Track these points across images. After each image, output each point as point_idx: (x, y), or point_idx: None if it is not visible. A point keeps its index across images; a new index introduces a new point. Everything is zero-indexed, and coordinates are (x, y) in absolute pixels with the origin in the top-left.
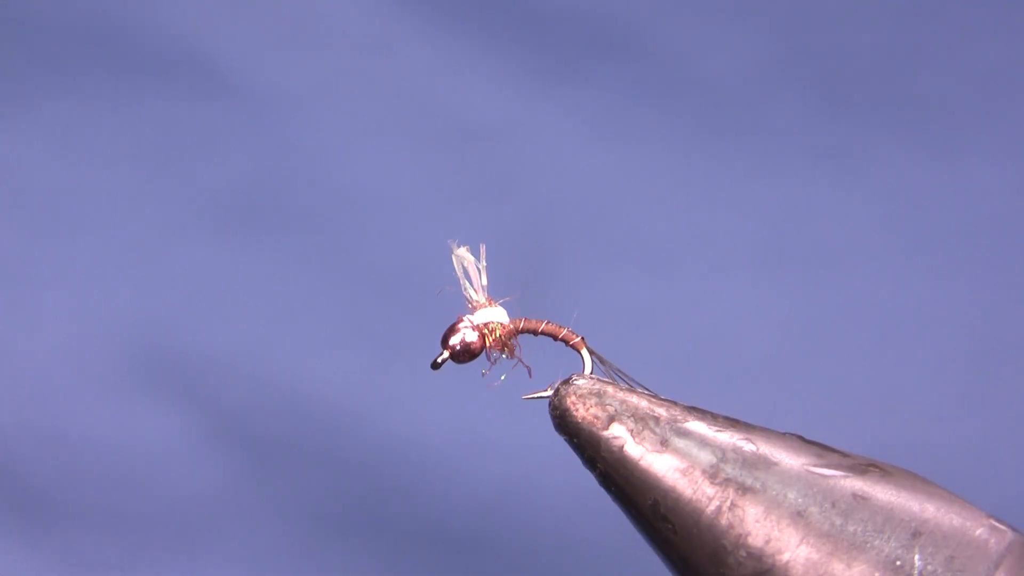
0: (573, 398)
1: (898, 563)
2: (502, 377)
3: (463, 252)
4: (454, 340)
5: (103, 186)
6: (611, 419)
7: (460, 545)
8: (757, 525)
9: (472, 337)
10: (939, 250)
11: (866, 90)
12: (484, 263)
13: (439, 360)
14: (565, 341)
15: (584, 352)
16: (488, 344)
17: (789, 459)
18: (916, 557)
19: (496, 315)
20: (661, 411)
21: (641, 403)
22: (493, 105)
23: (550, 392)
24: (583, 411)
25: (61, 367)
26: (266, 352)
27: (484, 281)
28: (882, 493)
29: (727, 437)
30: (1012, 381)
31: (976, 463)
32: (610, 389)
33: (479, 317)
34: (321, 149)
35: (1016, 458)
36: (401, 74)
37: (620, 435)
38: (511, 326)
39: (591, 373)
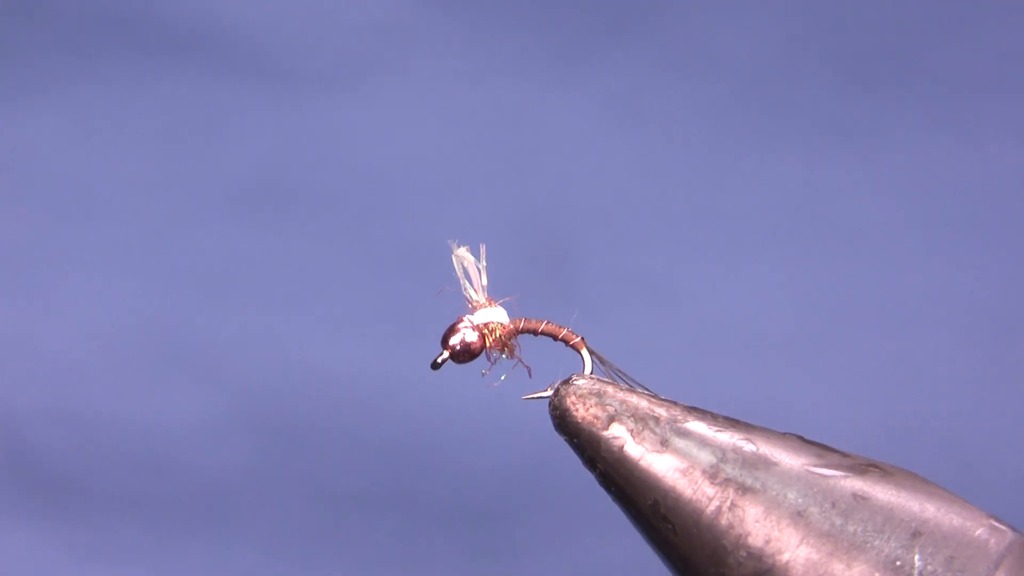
0: (573, 398)
1: (898, 563)
2: (502, 377)
3: (463, 252)
4: (454, 340)
5: (126, 170)
6: (611, 419)
7: (483, 522)
8: (757, 525)
9: (472, 337)
10: (959, 230)
11: (886, 68)
12: (484, 263)
13: (439, 360)
14: (565, 341)
15: (584, 352)
16: (488, 344)
17: (789, 459)
18: (916, 557)
19: (496, 315)
20: (661, 411)
21: (641, 403)
22: (512, 85)
23: (550, 392)
24: (583, 411)
25: (84, 351)
26: (289, 334)
27: (484, 281)
28: (882, 493)
29: (727, 437)
30: None
31: (990, 443)
32: (610, 389)
33: (479, 317)
34: (341, 131)
35: None
36: (421, 56)
37: (620, 435)
38: (511, 326)
39: (591, 373)
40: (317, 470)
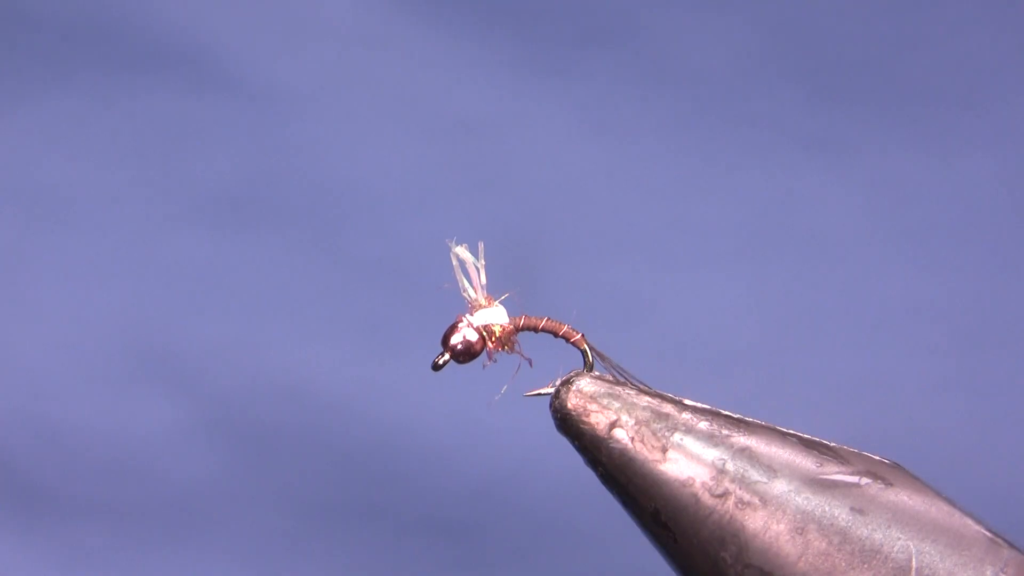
0: (574, 400)
1: None
2: (503, 389)
3: (461, 251)
4: (455, 340)
5: (99, 180)
6: (612, 424)
7: (454, 532)
8: (756, 540)
9: (472, 337)
10: (926, 239)
11: (855, 80)
12: (483, 261)
13: (440, 361)
14: (566, 338)
15: (585, 349)
16: (489, 344)
17: (789, 471)
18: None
19: (496, 315)
20: (664, 411)
21: (642, 405)
22: (484, 97)
23: (551, 389)
24: (584, 414)
25: (57, 359)
26: (261, 343)
27: (483, 280)
28: (879, 508)
29: (727, 445)
30: (998, 369)
31: (960, 450)
32: (611, 390)
33: (479, 318)
34: (314, 142)
35: (1000, 444)
36: (394, 67)
37: (621, 439)
38: (511, 325)
39: (592, 371)
40: (288, 479)
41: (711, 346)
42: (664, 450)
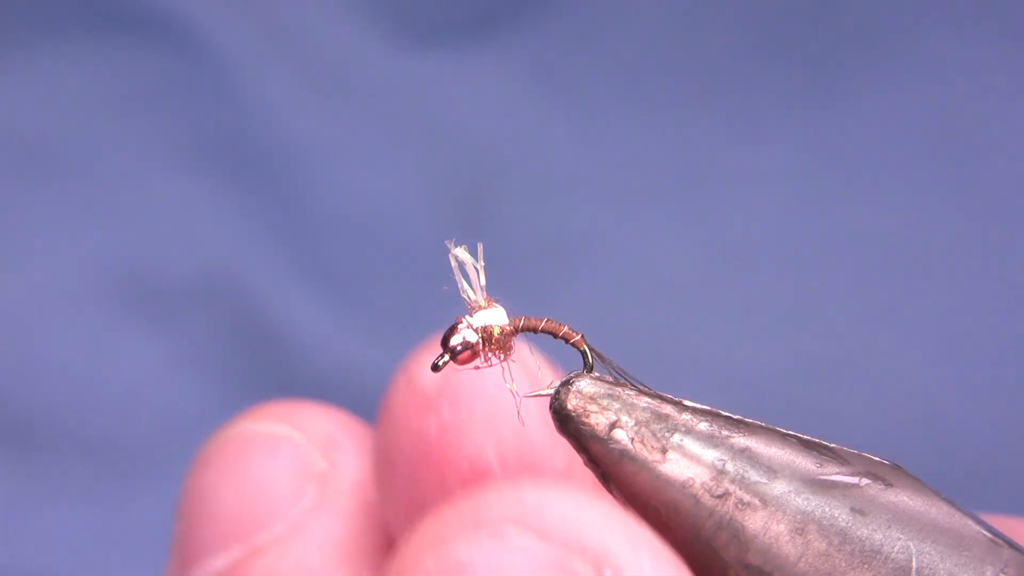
0: (574, 401)
1: None
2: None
3: (461, 252)
4: (455, 341)
5: (81, 132)
6: (612, 424)
7: None
8: (756, 541)
9: (472, 338)
10: (855, 176)
11: (792, 31)
12: (482, 263)
13: (440, 363)
14: (565, 339)
15: (584, 349)
16: (489, 346)
17: (789, 471)
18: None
19: (495, 316)
20: (664, 412)
21: (641, 406)
22: (429, 54)
23: (551, 390)
24: (583, 414)
25: (44, 300)
26: (235, 283)
27: (483, 282)
28: (879, 509)
29: (727, 446)
30: (923, 296)
31: (889, 376)
32: (610, 391)
33: (478, 319)
34: (273, 100)
35: (927, 369)
36: (341, 28)
37: (621, 439)
38: (510, 327)
39: (592, 372)
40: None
41: (648, 282)
42: (664, 451)
